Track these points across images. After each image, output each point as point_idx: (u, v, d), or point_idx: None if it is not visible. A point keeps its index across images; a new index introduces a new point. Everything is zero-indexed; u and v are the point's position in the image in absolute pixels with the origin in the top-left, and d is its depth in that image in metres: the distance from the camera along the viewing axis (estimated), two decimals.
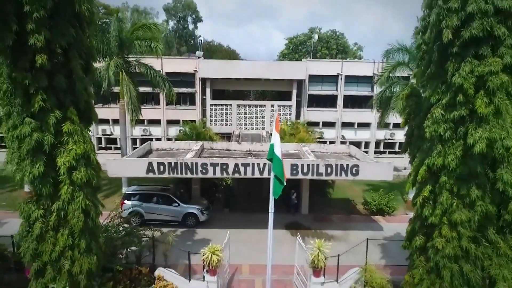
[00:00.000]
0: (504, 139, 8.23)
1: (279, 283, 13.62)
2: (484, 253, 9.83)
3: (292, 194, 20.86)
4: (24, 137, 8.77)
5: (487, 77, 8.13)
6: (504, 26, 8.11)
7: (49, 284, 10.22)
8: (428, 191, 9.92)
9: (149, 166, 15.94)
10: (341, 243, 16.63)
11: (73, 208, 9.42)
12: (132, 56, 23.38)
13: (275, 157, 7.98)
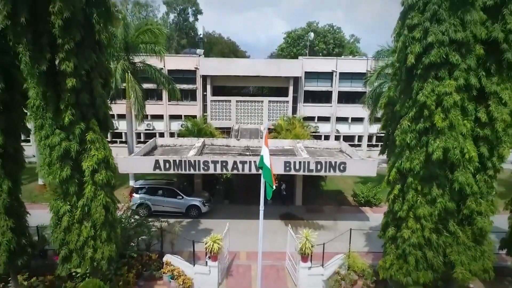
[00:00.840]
0: (455, 148, 9.86)
1: (272, 268, 15.42)
2: (445, 242, 11.60)
3: (281, 186, 22.51)
4: (54, 146, 10.40)
5: (443, 97, 9.71)
6: (458, 54, 9.66)
7: (74, 269, 12.03)
8: (397, 189, 11.61)
9: (156, 163, 17.61)
10: (330, 232, 18.32)
11: (96, 204, 11.11)
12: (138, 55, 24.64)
13: (264, 166, 9.57)
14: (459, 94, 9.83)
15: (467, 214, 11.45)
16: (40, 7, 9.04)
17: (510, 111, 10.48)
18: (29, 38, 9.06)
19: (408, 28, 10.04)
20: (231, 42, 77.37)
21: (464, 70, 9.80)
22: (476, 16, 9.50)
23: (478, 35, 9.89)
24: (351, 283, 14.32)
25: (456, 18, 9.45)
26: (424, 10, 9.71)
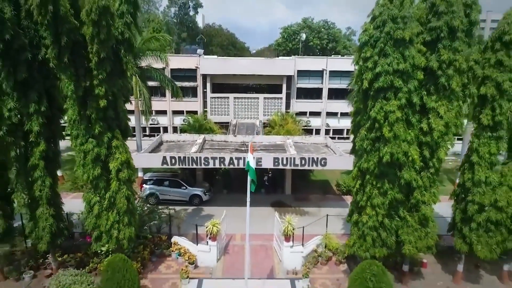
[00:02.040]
0: (399, 153, 12.76)
1: (262, 247, 18.52)
2: (397, 225, 14.61)
3: (264, 177, 25.54)
4: (88, 151, 13.33)
5: (389, 114, 12.55)
6: (400, 79, 12.43)
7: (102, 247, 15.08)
8: (359, 184, 14.58)
9: (164, 159, 20.59)
10: (314, 218, 21.24)
11: (119, 196, 14.08)
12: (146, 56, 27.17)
13: (250, 168, 12.41)
14: (402, 111, 12.66)
15: (414, 203, 14.45)
16: (78, 49, 11.84)
17: (445, 122, 13.29)
18: (70, 72, 11.87)
19: (362, 59, 12.82)
20: (230, 34, 79.50)
21: (406, 92, 12.60)
22: (413, 51, 12.26)
23: (418, 64, 12.69)
24: (326, 259, 17.40)
25: (398, 53, 12.21)
26: (374, 46, 12.46)
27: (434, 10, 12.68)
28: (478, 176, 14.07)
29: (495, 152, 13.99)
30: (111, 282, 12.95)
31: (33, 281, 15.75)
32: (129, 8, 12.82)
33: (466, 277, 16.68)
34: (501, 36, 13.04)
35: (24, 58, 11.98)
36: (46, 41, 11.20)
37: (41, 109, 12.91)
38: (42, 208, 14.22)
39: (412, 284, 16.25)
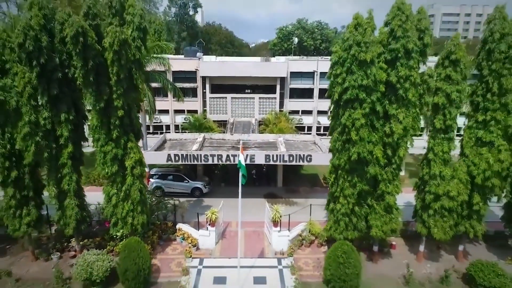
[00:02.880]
0: (364, 152, 15.52)
1: (255, 232, 21.37)
2: (366, 212, 17.45)
3: (252, 171, 28.41)
4: (108, 152, 16.12)
5: (355, 120, 15.30)
6: (364, 92, 15.15)
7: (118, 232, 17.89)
8: (333, 178, 17.40)
9: (168, 157, 23.39)
10: (301, 207, 24.15)
11: (134, 189, 16.89)
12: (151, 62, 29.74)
13: (241, 166, 15.13)
14: (366, 118, 15.40)
15: (380, 193, 17.29)
16: (101, 69, 14.56)
17: (404, 126, 16.02)
18: (94, 88, 14.62)
19: (333, 75, 15.55)
20: (228, 32, 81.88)
21: (369, 102, 15.33)
22: (374, 70, 14.96)
23: (380, 79, 15.42)
24: (309, 242, 20.28)
25: (362, 71, 14.92)
26: (343, 65, 15.17)
27: (393, 35, 15.38)
28: (433, 171, 16.88)
29: (447, 150, 16.77)
30: (128, 259, 15.85)
31: (60, 261, 18.63)
32: (139, 34, 15.48)
33: (428, 256, 19.56)
34: (448, 55, 15.72)
35: (56, 77, 14.71)
36: (76, 64, 13.94)
37: (70, 118, 15.66)
38: (69, 199, 17.03)
39: (381, 262, 19.12)
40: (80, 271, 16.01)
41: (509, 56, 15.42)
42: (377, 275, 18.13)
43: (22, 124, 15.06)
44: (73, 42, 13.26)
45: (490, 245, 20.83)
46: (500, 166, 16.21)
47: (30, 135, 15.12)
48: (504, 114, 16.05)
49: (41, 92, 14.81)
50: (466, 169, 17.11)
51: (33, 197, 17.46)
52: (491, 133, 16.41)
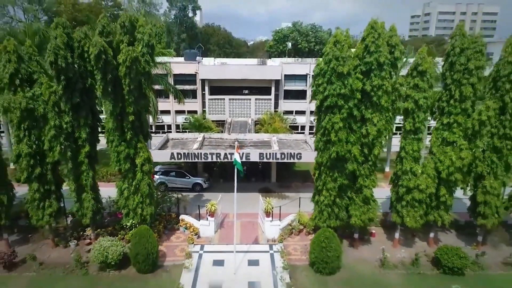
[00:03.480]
0: (342, 151, 17.97)
1: (250, 223, 23.83)
2: (347, 203, 19.93)
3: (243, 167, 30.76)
4: (121, 152, 18.54)
5: (334, 124, 17.73)
6: (342, 100, 17.57)
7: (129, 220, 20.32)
8: (317, 173, 19.85)
9: (172, 155, 25.81)
10: (293, 201, 26.58)
11: (143, 183, 19.33)
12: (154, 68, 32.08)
13: (237, 163, 17.51)
14: (344, 122, 17.84)
15: (358, 187, 19.76)
16: (116, 81, 16.97)
17: (378, 129, 18.43)
18: (111, 97, 17.03)
19: (316, 85, 17.97)
20: (226, 33, 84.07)
21: (347, 108, 17.75)
22: (351, 80, 17.36)
23: (356, 88, 17.82)
24: (298, 231, 22.75)
25: (340, 82, 17.33)
26: (324, 76, 17.58)
27: (367, 50, 17.78)
28: (405, 167, 19.35)
29: (417, 149, 19.20)
30: (139, 244, 18.31)
31: (77, 248, 21.06)
32: (148, 50, 17.84)
33: (403, 243, 22.08)
34: (416, 67, 18.13)
35: (78, 87, 17.11)
36: (97, 77, 16.35)
37: (88, 122, 18.08)
38: (86, 193, 19.46)
39: (361, 248, 21.62)
40: (97, 255, 18.48)
41: (467, 67, 17.83)
42: (357, 259, 20.63)
43: (48, 128, 17.48)
44: (96, 60, 15.67)
45: (460, 233, 23.35)
46: (461, 162, 18.67)
47: (55, 137, 17.55)
48: (464, 117, 18.50)
49: (65, 100, 17.18)
50: (434, 166, 19.57)
51: (54, 191, 19.88)
52: (454, 134, 18.87)
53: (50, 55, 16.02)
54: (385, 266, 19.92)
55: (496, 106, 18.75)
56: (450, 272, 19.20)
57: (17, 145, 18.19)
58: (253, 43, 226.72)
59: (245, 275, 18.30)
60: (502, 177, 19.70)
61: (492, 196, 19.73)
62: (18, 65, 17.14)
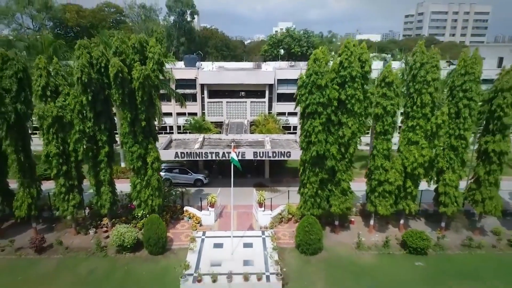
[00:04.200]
0: (321, 150, 21.38)
1: (245, 213, 27.22)
2: (327, 194, 23.36)
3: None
4: (134, 152, 21.89)
5: (314, 127, 21.10)
6: (321, 107, 20.94)
7: (141, 211, 23.67)
8: (302, 169, 23.25)
9: (176, 154, 29.16)
10: (283, 195, 29.92)
11: (153, 178, 22.68)
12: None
13: (234, 160, 20.84)
14: (323, 126, 21.21)
15: (337, 180, 23.16)
16: (131, 93, 20.31)
17: (352, 131, 21.81)
18: (127, 107, 20.37)
19: (299, 95, 21.35)
20: (224, 36, 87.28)
21: (325, 114, 21.11)
22: (328, 91, 20.72)
23: (333, 97, 21.18)
24: (287, 219, 26.15)
25: (320, 92, 20.70)
26: (306, 87, 20.95)
27: (342, 65, 21.14)
28: (377, 163, 22.75)
29: (386, 148, 22.58)
30: (151, 230, 21.65)
31: (95, 235, 24.38)
32: (158, 67, 21.18)
33: (378, 229, 25.51)
34: (384, 78, 21.49)
35: (100, 98, 20.43)
36: (115, 91, 19.68)
37: (107, 127, 21.41)
38: (104, 187, 22.78)
39: (341, 233, 25.03)
40: (115, 239, 21.84)
41: (426, 79, 21.20)
42: (337, 242, 24.07)
43: (74, 132, 20.80)
44: (114, 77, 19.01)
45: (428, 221, 26.80)
46: (422, 159, 22.08)
47: (79, 140, 20.88)
48: (424, 121, 21.89)
49: (89, 109, 20.50)
50: (401, 162, 22.95)
51: (77, 186, 23.20)
52: (417, 135, 22.26)
53: (77, 72, 19.35)
54: (360, 248, 23.36)
55: (452, 111, 22.22)
56: (415, 252, 22.66)
57: (46, 147, 21.45)
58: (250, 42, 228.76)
59: (241, 255, 21.66)
60: (459, 171, 23.14)
61: (451, 187, 23.19)
62: (48, 79, 20.39)
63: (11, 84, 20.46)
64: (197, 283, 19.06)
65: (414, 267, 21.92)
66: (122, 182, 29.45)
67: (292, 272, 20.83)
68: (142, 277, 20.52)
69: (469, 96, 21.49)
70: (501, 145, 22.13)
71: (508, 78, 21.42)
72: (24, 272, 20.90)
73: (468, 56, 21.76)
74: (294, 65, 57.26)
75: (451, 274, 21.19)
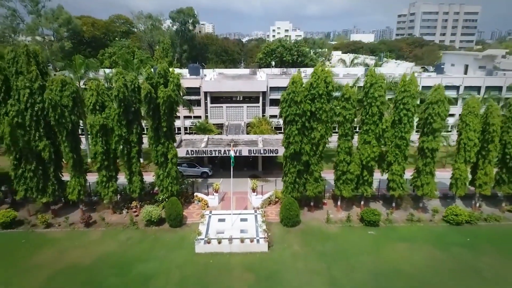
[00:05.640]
0: (297, 148, 28.91)
1: (241, 198, 34.79)
2: (303, 182, 30.98)
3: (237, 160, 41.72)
4: (159, 150, 29.48)
5: (292, 132, 28.62)
6: (297, 116, 28.40)
7: (163, 195, 31.25)
8: (284, 162, 30.80)
9: (187, 152, 36.68)
10: (272, 183, 37.42)
11: (172, 170, 30.27)
12: None
13: (232, 158, 28.25)
14: (300, 130, 28.72)
15: (311, 171, 30.73)
16: (155, 107, 27.82)
17: (321, 134, 29.28)
18: (152, 117, 27.89)
19: (281, 107, 28.86)
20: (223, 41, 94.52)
21: (301, 122, 28.58)
22: (302, 105, 28.15)
23: (306, 109, 28.63)
24: (274, 202, 33.74)
25: (296, 106, 28.15)
26: (286, 102, 28.40)
27: (312, 86, 28.58)
28: (340, 158, 30.29)
29: (347, 146, 30.08)
30: (172, 208, 29.20)
31: (127, 214, 31.91)
32: (177, 88, 28.61)
33: (344, 208, 33.11)
34: (343, 95, 28.95)
35: (131, 110, 27.93)
36: (144, 106, 27.18)
37: (138, 131, 28.91)
38: (135, 177, 30.32)
39: (316, 212, 32.63)
40: (145, 215, 29.42)
41: (374, 95, 28.62)
42: (311, 218, 31.66)
43: (114, 136, 28.29)
44: (144, 97, 26.50)
45: (385, 203, 34.41)
46: (374, 154, 29.64)
47: (118, 141, 28.38)
48: (374, 126, 29.38)
49: (124, 118, 27.98)
50: (359, 156, 30.50)
51: (114, 176, 30.72)
52: (369, 136, 29.77)
53: (115, 92, 26.86)
54: (328, 222, 30.94)
55: (396, 118, 29.71)
56: (369, 224, 30.26)
57: (94, 147, 28.91)
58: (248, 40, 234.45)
59: (238, 226, 29.21)
60: (402, 163, 30.68)
61: (397, 176, 30.76)
62: (97, 97, 27.83)
63: (68, 101, 27.75)
64: (207, 244, 26.65)
65: (367, 235, 29.52)
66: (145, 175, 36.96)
67: (276, 238, 28.44)
68: (166, 242, 28.10)
69: (407, 108, 28.95)
70: (433, 144, 29.68)
71: (436, 94, 28.91)
72: (79, 239, 28.47)
73: (406, 79, 29.15)
74: (286, 71, 64.88)
75: (394, 239, 28.80)
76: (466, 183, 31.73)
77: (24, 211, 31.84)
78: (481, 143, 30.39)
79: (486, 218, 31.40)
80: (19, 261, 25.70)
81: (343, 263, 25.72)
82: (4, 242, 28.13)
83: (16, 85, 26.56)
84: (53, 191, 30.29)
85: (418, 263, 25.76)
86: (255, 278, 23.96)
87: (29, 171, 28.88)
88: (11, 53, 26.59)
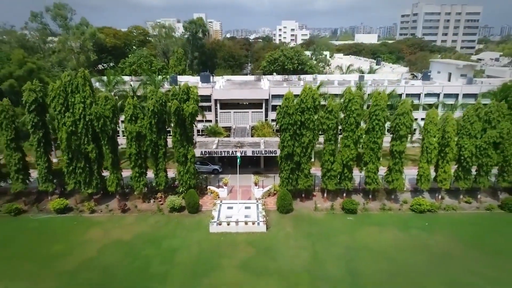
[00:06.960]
0: (290, 150, 36.33)
1: (246, 190, 42.29)
2: (296, 177, 38.44)
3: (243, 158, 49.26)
4: (181, 152, 37.14)
5: (286, 137, 36.02)
6: (290, 125, 35.77)
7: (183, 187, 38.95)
8: (280, 162, 38.26)
9: (201, 152, 44.33)
10: (271, 178, 44.85)
11: (191, 168, 37.92)
12: None
13: (238, 158, 35.57)
14: (291, 135, 36.10)
15: (302, 168, 38.14)
16: (181, 118, 35.48)
17: (309, 139, 36.61)
18: (177, 127, 35.57)
19: (277, 118, 36.24)
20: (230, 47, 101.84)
21: (293, 130, 35.95)
22: (295, 116, 35.55)
23: (297, 119, 35.99)
24: (273, 194, 41.21)
25: (289, 117, 35.52)
26: (281, 113, 35.77)
27: (301, 101, 35.89)
28: (325, 158, 37.65)
29: (332, 148, 37.37)
30: (190, 198, 36.90)
31: (154, 203, 39.65)
32: (196, 103, 36.12)
33: (330, 199, 40.49)
34: (327, 108, 36.24)
35: (161, 120, 35.60)
36: (172, 117, 34.84)
37: (164, 137, 36.60)
38: (161, 172, 38.04)
39: (306, 202, 40.03)
40: (169, 204, 37.17)
41: (351, 108, 35.81)
42: (302, 206, 39.12)
43: (146, 140, 36.01)
44: (174, 112, 34.14)
45: (364, 195, 41.65)
46: (352, 155, 36.94)
47: (149, 145, 36.11)
48: (352, 133, 36.61)
49: (155, 126, 35.64)
50: (341, 157, 37.81)
51: (145, 172, 38.47)
52: (348, 141, 37.04)
53: (150, 106, 34.50)
54: (316, 210, 38.36)
55: (370, 127, 36.89)
56: (349, 212, 37.63)
57: (129, 149, 36.63)
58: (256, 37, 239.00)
59: (243, 212, 36.76)
60: (376, 163, 37.91)
61: (371, 173, 38.03)
62: (133, 110, 35.48)
63: (109, 113, 35.42)
64: (219, 226, 34.27)
65: (346, 220, 36.90)
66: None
67: (273, 222, 35.97)
68: (186, 224, 35.81)
69: (378, 118, 36.14)
70: (400, 147, 36.88)
71: (402, 107, 36.07)
72: (118, 222, 36.32)
73: (378, 95, 36.30)
74: (287, 78, 72.11)
75: (367, 224, 36.15)
76: (429, 179, 38.84)
77: (72, 200, 39.74)
78: (440, 146, 37.48)
79: (445, 208, 38.59)
80: (76, 237, 33.62)
81: (325, 241, 33.12)
82: (60, 223, 36.11)
83: (72, 101, 34.28)
84: (96, 184, 38.12)
85: (383, 241, 33.09)
86: (256, 251, 31.49)
87: (78, 168, 36.70)
88: (67, 76, 34.28)
